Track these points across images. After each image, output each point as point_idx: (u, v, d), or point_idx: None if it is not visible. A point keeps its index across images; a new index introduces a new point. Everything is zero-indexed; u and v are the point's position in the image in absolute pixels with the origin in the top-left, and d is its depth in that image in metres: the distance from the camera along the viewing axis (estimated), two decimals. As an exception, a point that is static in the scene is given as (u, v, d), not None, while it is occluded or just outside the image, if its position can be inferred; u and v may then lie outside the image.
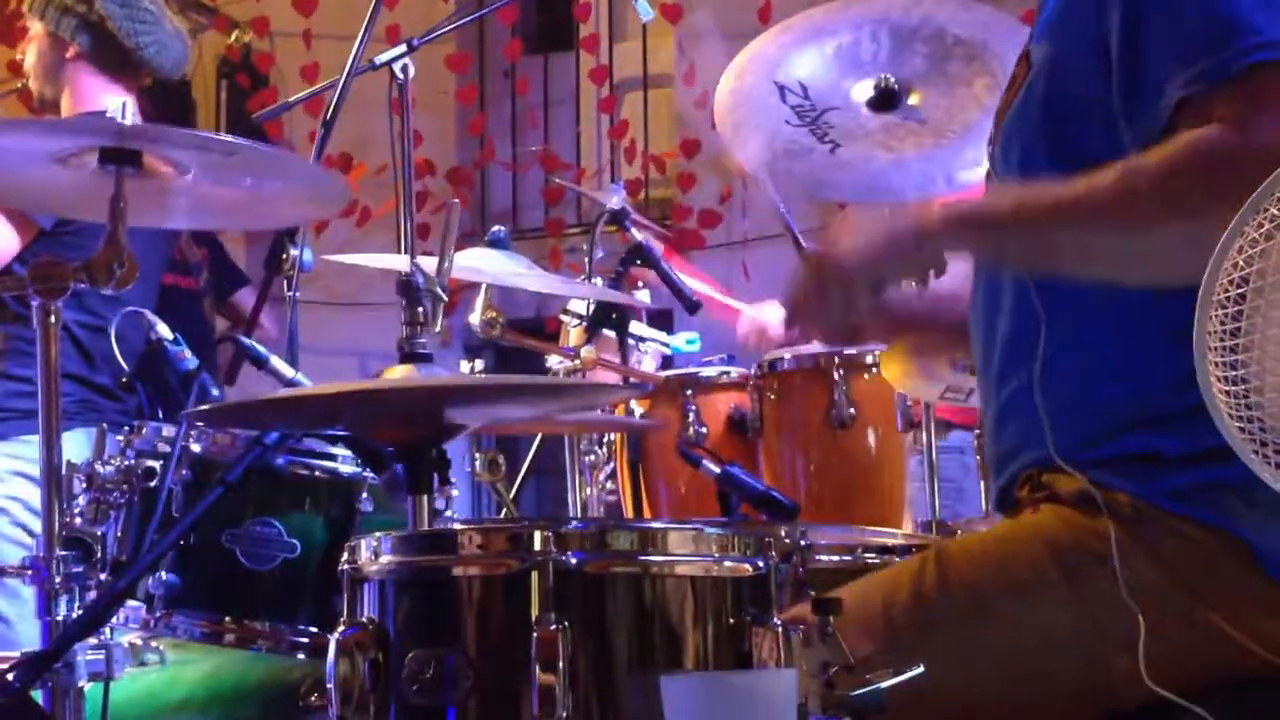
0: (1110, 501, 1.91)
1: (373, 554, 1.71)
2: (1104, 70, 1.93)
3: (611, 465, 3.83)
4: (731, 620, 1.68)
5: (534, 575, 1.61)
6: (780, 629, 1.67)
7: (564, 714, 1.57)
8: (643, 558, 1.66)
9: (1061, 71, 2.00)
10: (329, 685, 1.66)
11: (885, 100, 3.10)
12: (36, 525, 3.53)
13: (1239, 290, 1.21)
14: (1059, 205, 1.87)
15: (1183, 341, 1.49)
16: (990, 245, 1.98)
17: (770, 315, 4.01)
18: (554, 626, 1.58)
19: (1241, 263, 1.20)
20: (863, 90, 3.11)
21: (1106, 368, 1.98)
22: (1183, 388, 1.87)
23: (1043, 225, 1.90)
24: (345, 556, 1.74)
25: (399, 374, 2.13)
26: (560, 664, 1.57)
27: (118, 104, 2.77)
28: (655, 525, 1.70)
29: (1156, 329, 1.91)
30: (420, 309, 2.14)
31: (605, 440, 3.81)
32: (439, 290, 2.17)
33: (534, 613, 1.60)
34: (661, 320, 4.93)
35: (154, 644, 2.48)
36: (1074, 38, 1.98)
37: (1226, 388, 1.23)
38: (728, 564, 1.70)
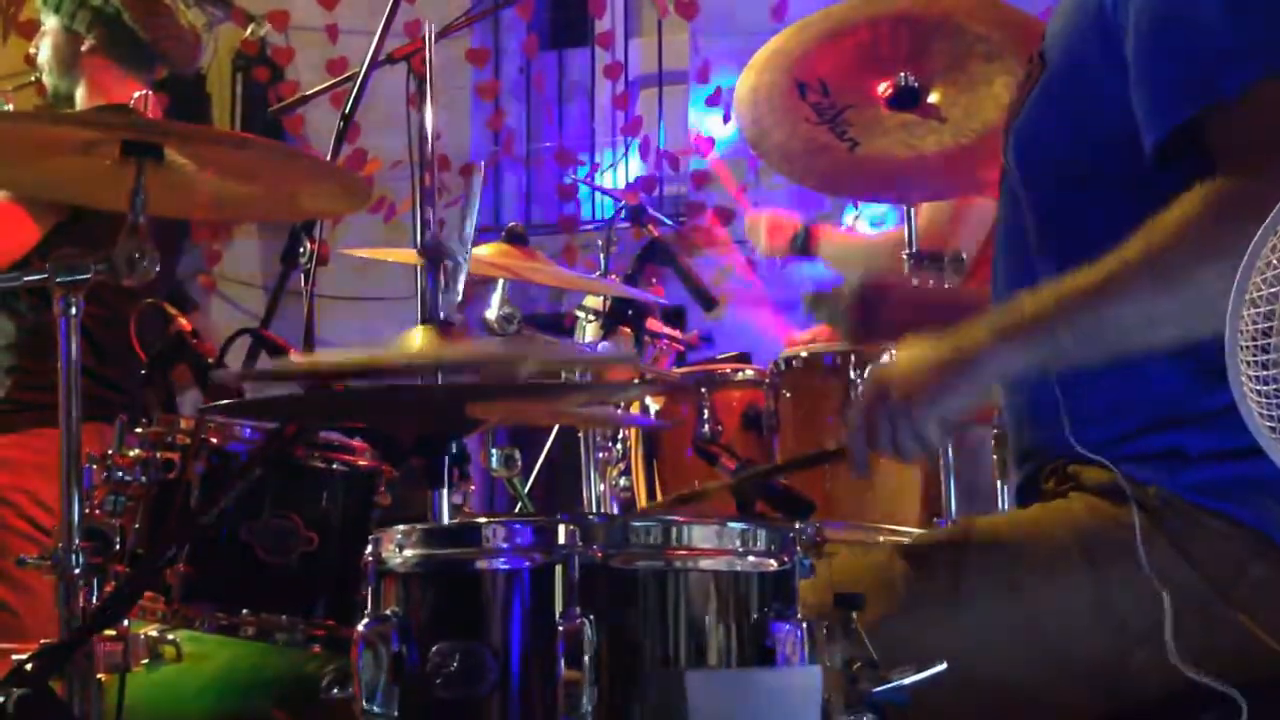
0: (1137, 493, 1.91)
1: (396, 547, 1.71)
2: (1117, 67, 1.94)
3: (625, 462, 3.83)
4: (755, 615, 1.68)
5: (559, 569, 1.61)
6: (804, 625, 1.67)
7: (588, 708, 1.57)
8: (667, 552, 1.66)
9: (1078, 70, 2.00)
10: (353, 678, 1.66)
11: (905, 98, 3.10)
12: (44, 518, 3.56)
13: (1272, 289, 1.21)
14: (1095, 287, 1.86)
15: (1207, 342, 1.49)
16: (1043, 351, 1.91)
17: (776, 224, 4.04)
18: (579, 620, 1.58)
19: (1275, 261, 1.20)
20: (882, 88, 3.11)
21: (1129, 369, 1.98)
22: (1207, 388, 1.88)
23: (1087, 312, 1.87)
24: (368, 549, 1.74)
25: (419, 339, 2.12)
26: (585, 658, 1.57)
27: (140, 97, 2.79)
28: (679, 520, 1.69)
29: None
30: (441, 272, 2.13)
31: (620, 437, 3.81)
32: (457, 252, 2.16)
33: (559, 607, 1.60)
34: (675, 317, 4.93)
35: (171, 636, 2.47)
36: (1086, 39, 1.98)
37: (1258, 388, 1.23)
38: (751, 559, 1.69)
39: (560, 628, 1.58)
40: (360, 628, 1.67)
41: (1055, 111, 2.04)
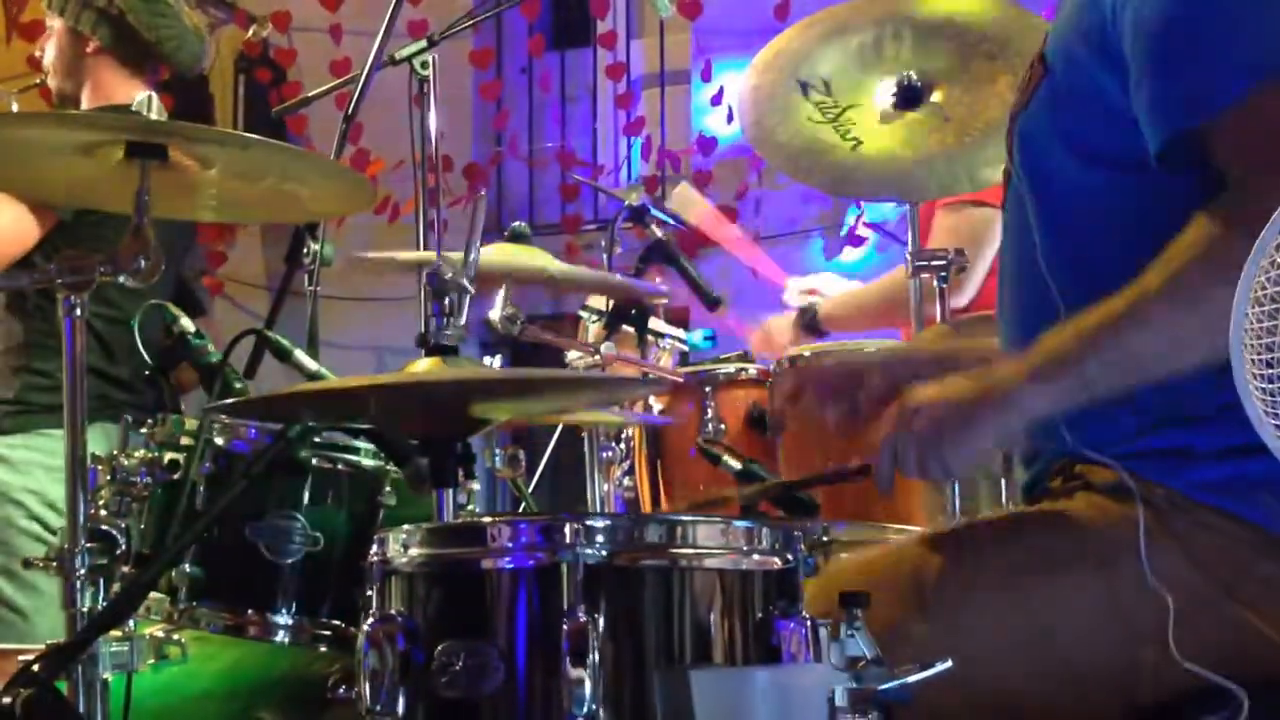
0: (1143, 491, 1.91)
1: (402, 546, 1.71)
2: (1117, 74, 1.94)
3: (629, 462, 3.82)
4: (759, 614, 1.68)
5: (564, 568, 1.61)
6: (808, 623, 1.67)
7: (594, 707, 1.57)
8: (672, 550, 1.66)
9: (1078, 75, 2.01)
10: (358, 677, 1.67)
11: (908, 98, 3.10)
12: (53, 519, 3.56)
13: (1277, 288, 1.21)
14: (1118, 317, 1.85)
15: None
16: (1073, 388, 1.90)
17: (778, 326, 4.04)
18: (584, 619, 1.58)
19: (1280, 259, 1.20)
20: (885, 88, 3.11)
21: None
22: (1214, 388, 1.88)
23: (1112, 344, 1.86)
24: (373, 549, 1.74)
25: (424, 368, 2.12)
26: (590, 657, 1.57)
27: (144, 98, 2.79)
28: (684, 518, 1.69)
29: None
30: (446, 302, 2.14)
31: (623, 437, 3.81)
32: (465, 283, 2.16)
33: (564, 605, 1.60)
34: (678, 317, 4.92)
35: (176, 636, 2.48)
36: (1087, 44, 1.99)
37: (1263, 385, 1.23)
38: (756, 557, 1.70)
39: (565, 626, 1.59)
40: (365, 627, 1.68)
41: (1058, 114, 2.04)
